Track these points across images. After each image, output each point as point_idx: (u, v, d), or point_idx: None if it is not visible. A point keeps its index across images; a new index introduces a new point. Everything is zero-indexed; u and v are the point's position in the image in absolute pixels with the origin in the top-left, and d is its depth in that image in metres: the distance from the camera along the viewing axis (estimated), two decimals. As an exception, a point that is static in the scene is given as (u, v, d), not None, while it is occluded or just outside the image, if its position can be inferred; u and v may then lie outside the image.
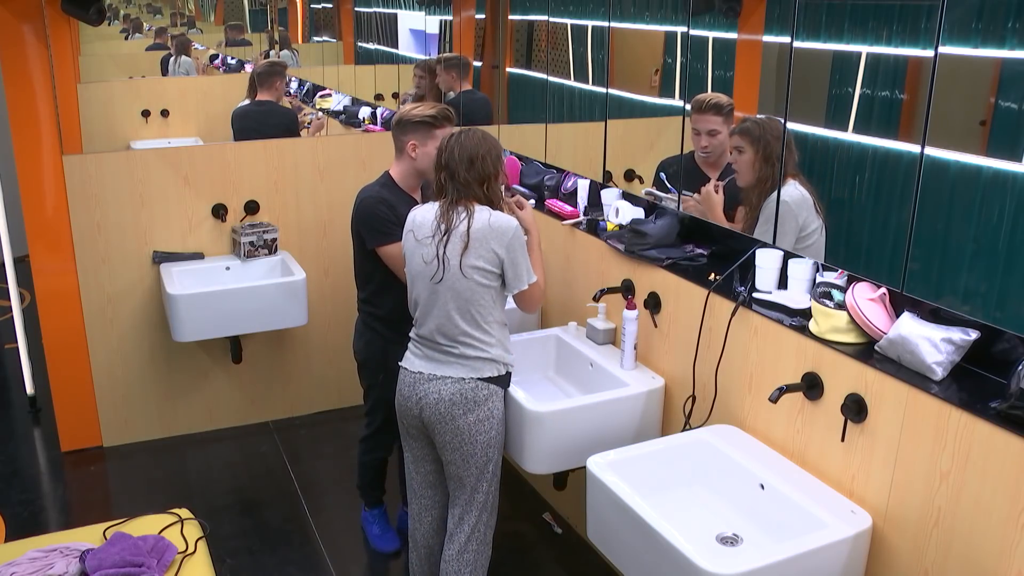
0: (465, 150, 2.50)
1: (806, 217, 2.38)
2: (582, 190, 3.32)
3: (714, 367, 2.57)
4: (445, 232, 2.48)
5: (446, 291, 2.50)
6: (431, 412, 2.54)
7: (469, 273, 2.47)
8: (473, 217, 2.48)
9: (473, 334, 2.52)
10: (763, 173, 2.46)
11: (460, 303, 2.50)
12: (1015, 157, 1.85)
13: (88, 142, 4.76)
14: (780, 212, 2.42)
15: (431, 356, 2.57)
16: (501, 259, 2.48)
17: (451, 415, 2.52)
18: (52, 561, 2.17)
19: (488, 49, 4.14)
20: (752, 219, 2.54)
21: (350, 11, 5.84)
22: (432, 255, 2.50)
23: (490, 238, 2.46)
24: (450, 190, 2.51)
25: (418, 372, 2.58)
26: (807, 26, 2.32)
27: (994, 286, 1.92)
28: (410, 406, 2.60)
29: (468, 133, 2.55)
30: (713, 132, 2.72)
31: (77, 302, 3.82)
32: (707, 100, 2.72)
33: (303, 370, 4.32)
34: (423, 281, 2.55)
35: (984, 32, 1.88)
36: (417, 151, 2.85)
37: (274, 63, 4.94)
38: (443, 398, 2.52)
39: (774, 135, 2.41)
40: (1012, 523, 1.77)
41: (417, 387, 2.57)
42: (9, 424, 4.37)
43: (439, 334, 2.53)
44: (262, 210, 4.06)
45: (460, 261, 2.46)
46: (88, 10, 3.84)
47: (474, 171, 2.50)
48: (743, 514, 2.30)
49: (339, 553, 3.33)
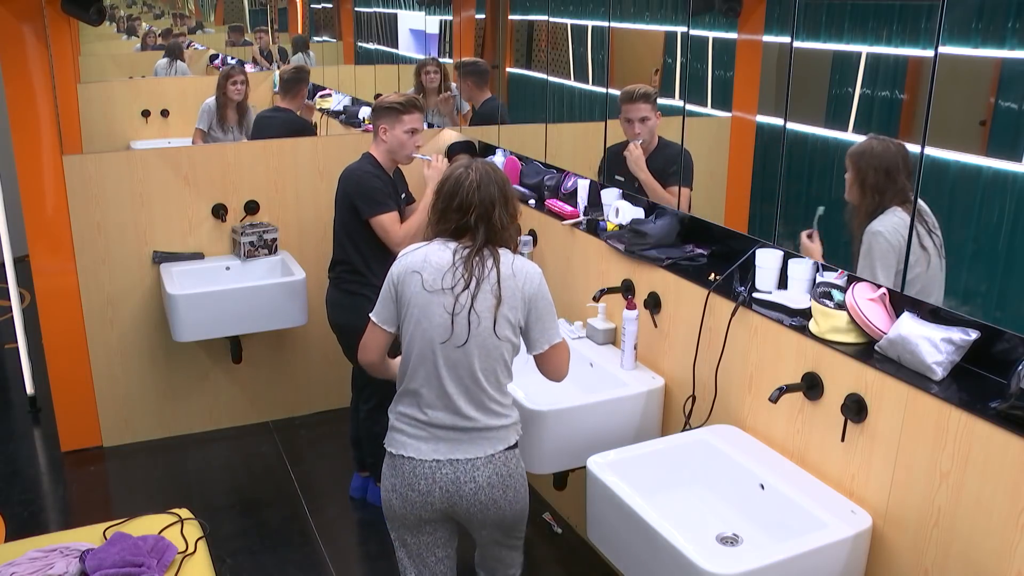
0: (499, 187, 2.17)
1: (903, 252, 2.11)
2: (582, 190, 3.32)
3: (714, 367, 2.57)
4: (474, 283, 2.10)
5: (472, 353, 2.12)
6: (468, 504, 2.18)
7: (502, 332, 2.13)
8: (500, 264, 2.14)
9: (498, 399, 2.19)
10: (860, 200, 2.20)
11: (487, 365, 2.15)
12: (1015, 157, 1.85)
13: (88, 142, 4.76)
14: (872, 244, 2.18)
15: (444, 436, 2.17)
16: (527, 312, 2.17)
17: (493, 501, 2.19)
18: (52, 561, 2.17)
19: (488, 49, 4.13)
20: (856, 250, 2.31)
21: (350, 11, 5.85)
22: (456, 311, 2.10)
23: (518, 289, 2.15)
24: (481, 233, 2.13)
25: (433, 460, 2.16)
26: (807, 26, 2.32)
27: (994, 286, 1.92)
28: (431, 500, 2.18)
29: (488, 166, 2.21)
30: (644, 119, 2.98)
31: (77, 302, 3.82)
32: (636, 90, 2.99)
33: (303, 370, 4.32)
34: (435, 343, 2.12)
35: (984, 32, 1.88)
36: (387, 134, 3.18)
37: (299, 69, 4.80)
38: (481, 486, 2.16)
39: (874, 164, 2.15)
40: (1012, 523, 1.77)
41: (439, 478, 2.16)
42: (9, 424, 4.37)
43: (460, 407, 2.14)
44: (262, 210, 4.06)
45: (495, 318, 2.11)
46: (88, 10, 3.85)
47: (509, 210, 2.18)
48: (743, 514, 2.30)
49: (339, 553, 3.33)
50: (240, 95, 4.96)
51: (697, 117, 2.79)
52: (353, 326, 3.22)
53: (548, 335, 2.21)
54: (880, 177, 2.14)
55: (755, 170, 2.61)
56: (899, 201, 2.10)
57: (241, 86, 4.96)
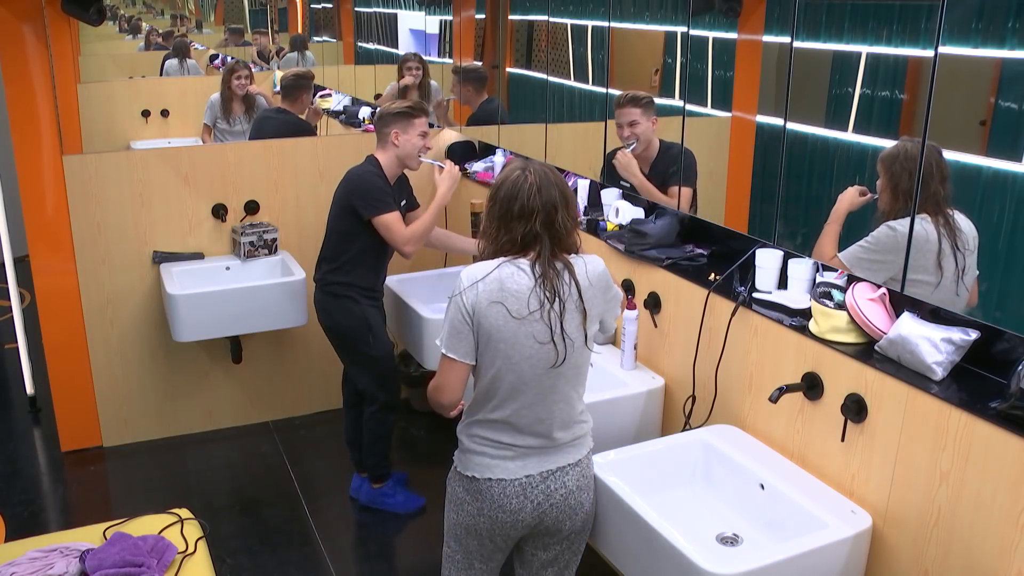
0: (559, 190, 2.02)
1: (912, 258, 2.06)
2: (582, 190, 3.32)
3: (714, 367, 2.57)
4: (558, 303, 1.99)
5: (566, 372, 2.04)
6: (559, 511, 2.12)
7: (591, 343, 2.07)
8: (576, 275, 2.02)
9: (581, 410, 2.14)
10: (891, 206, 2.11)
11: (580, 379, 2.10)
12: (1015, 157, 1.85)
13: (88, 142, 4.77)
14: (885, 241, 2.15)
15: (537, 452, 2.09)
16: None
17: (580, 504, 2.15)
18: (52, 561, 2.17)
19: (488, 49, 4.13)
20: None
21: (350, 11, 5.85)
22: (547, 335, 1.98)
23: (595, 295, 2.06)
24: (546, 242, 1.99)
25: (525, 477, 2.08)
26: (807, 26, 2.32)
27: (994, 286, 1.92)
28: (523, 516, 2.09)
29: (545, 167, 2.07)
30: (633, 123, 2.99)
31: (77, 302, 3.82)
32: (625, 95, 3.03)
33: (303, 370, 4.32)
34: (526, 368, 2.01)
35: (984, 32, 1.88)
36: (400, 138, 3.18)
37: (300, 76, 4.76)
38: (571, 490, 2.12)
39: (909, 167, 2.05)
40: (1012, 523, 1.77)
41: (531, 493, 2.08)
42: (9, 424, 4.37)
43: (552, 432, 2.08)
44: (262, 210, 4.06)
45: (585, 334, 2.04)
46: (88, 10, 3.84)
47: (571, 213, 2.04)
48: (743, 514, 2.30)
49: (339, 553, 3.33)
50: (243, 89, 5.04)
51: (697, 117, 2.80)
52: (348, 326, 3.30)
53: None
54: (908, 180, 2.05)
55: (755, 170, 2.62)
56: (930, 208, 2.01)
57: (245, 80, 5.03)
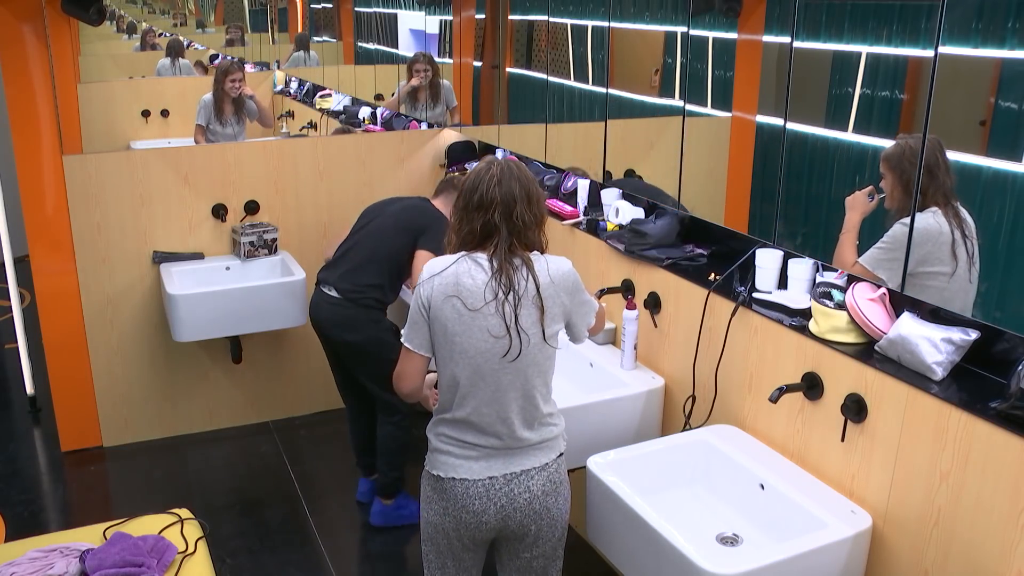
0: (521, 184, 2.03)
1: (928, 251, 2.04)
2: (582, 190, 3.32)
3: (714, 367, 2.57)
4: (513, 296, 1.98)
5: (524, 369, 2.03)
6: (523, 515, 2.10)
7: (552, 340, 2.06)
8: (535, 271, 2.01)
9: (548, 411, 2.13)
10: (902, 204, 2.09)
11: (540, 377, 2.08)
12: (1015, 157, 1.85)
13: (88, 142, 4.77)
14: (902, 239, 2.10)
15: (503, 453, 2.08)
16: (569, 311, 2.10)
17: (546, 508, 2.13)
18: (52, 561, 2.17)
19: (488, 49, 4.13)
20: None
21: (350, 11, 5.85)
22: (502, 328, 1.98)
23: (557, 293, 2.05)
24: (503, 234, 2.00)
25: (487, 478, 2.07)
26: (807, 26, 2.32)
27: (994, 286, 1.92)
28: (487, 519, 2.09)
29: (512, 163, 2.07)
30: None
31: (77, 302, 3.82)
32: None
33: (303, 370, 4.32)
34: (481, 362, 2.01)
35: (984, 32, 1.88)
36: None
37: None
38: (536, 495, 2.09)
39: (916, 162, 2.04)
40: (1012, 523, 1.77)
41: (494, 495, 2.07)
42: (9, 424, 4.37)
43: (515, 431, 2.06)
44: (262, 210, 4.06)
45: (543, 330, 2.02)
46: (88, 10, 3.84)
47: (533, 210, 2.04)
48: (743, 514, 2.30)
49: (339, 553, 3.33)
50: (236, 91, 5.03)
51: (697, 117, 2.80)
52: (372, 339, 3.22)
53: (587, 318, 2.16)
54: (923, 176, 2.03)
55: (755, 170, 2.62)
56: (940, 199, 2.01)
57: (238, 83, 5.02)
